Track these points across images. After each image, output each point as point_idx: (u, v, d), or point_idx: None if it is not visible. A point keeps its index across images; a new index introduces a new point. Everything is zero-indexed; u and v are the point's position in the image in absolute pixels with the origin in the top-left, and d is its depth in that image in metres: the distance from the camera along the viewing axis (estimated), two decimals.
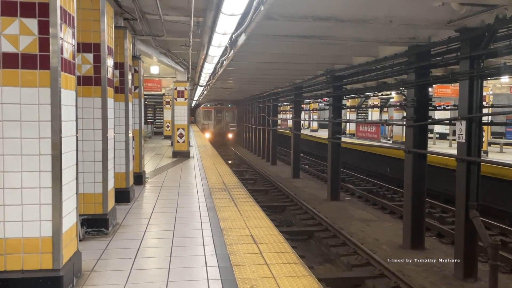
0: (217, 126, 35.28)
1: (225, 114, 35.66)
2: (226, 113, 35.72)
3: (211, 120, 35.29)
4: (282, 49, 10.38)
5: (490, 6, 6.46)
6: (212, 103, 35.60)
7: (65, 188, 3.57)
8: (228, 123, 35.51)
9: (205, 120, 35.71)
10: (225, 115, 35.59)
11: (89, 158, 5.37)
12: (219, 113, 35.45)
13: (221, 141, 34.50)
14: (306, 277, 4.04)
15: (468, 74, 7.61)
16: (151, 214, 6.68)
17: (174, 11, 7.24)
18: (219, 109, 35.56)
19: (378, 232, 10.76)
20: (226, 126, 35.47)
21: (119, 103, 7.09)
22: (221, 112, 35.57)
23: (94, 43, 5.25)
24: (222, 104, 35.74)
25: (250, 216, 6.41)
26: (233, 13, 5.55)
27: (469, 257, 7.74)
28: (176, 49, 11.34)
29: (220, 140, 34.43)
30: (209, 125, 35.34)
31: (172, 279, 4.01)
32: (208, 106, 35.42)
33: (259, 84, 20.70)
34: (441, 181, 13.77)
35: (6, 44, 3.28)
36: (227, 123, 35.53)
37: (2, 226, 3.35)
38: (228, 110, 35.84)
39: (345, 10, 6.87)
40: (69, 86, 3.67)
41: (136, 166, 9.04)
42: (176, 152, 15.21)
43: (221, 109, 35.61)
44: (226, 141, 35.37)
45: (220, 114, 35.47)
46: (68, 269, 3.60)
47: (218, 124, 35.33)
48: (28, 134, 3.36)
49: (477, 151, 7.75)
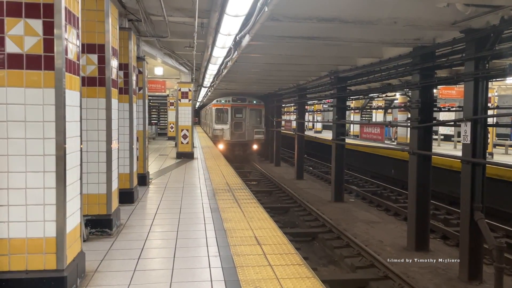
0: (236, 132, 24.01)
1: (248, 114, 24.33)
2: (250, 113, 24.40)
3: (226, 124, 23.89)
4: (286, 50, 10.37)
5: (495, 7, 6.43)
6: (228, 98, 24.21)
7: (69, 188, 3.57)
8: (252, 127, 24.30)
9: (217, 124, 24.05)
10: (247, 116, 24.28)
11: (93, 159, 5.38)
12: (238, 113, 24.21)
13: (242, 155, 24.00)
14: (309, 278, 4.02)
15: (473, 75, 7.57)
16: (155, 215, 6.68)
17: (179, 12, 7.25)
18: (239, 107, 24.25)
19: (382, 233, 10.72)
20: (249, 132, 24.17)
21: (123, 104, 7.10)
22: (241, 111, 24.24)
23: (98, 44, 5.26)
24: (244, 99, 24.36)
25: (254, 217, 6.40)
26: (237, 14, 5.56)
27: (474, 259, 7.69)
28: (180, 50, 11.36)
29: (240, 153, 23.94)
30: (224, 131, 23.84)
31: (175, 280, 4.01)
32: (223, 102, 24.08)
33: (263, 85, 20.67)
34: (445, 183, 13.70)
35: (11, 45, 3.30)
36: (250, 128, 24.29)
37: (6, 226, 3.36)
38: (252, 109, 24.54)
39: (349, 11, 6.86)
40: (74, 87, 3.68)
41: (140, 167, 9.05)
42: (180, 153, 15.22)
43: (242, 106, 24.27)
44: (249, 155, 24.71)
45: (240, 115, 24.20)
46: (72, 270, 3.60)
47: (237, 129, 24.04)
48: (33, 134, 3.37)
49: (482, 153, 7.71)
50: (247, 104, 24.23)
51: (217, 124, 23.94)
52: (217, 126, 23.93)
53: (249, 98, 24.37)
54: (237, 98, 24.19)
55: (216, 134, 23.81)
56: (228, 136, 23.72)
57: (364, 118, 32.14)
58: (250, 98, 24.44)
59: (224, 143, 23.59)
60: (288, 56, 10.83)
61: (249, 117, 24.26)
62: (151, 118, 32.67)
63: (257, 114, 24.67)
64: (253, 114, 24.48)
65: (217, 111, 24.13)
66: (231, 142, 23.72)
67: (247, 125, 24.15)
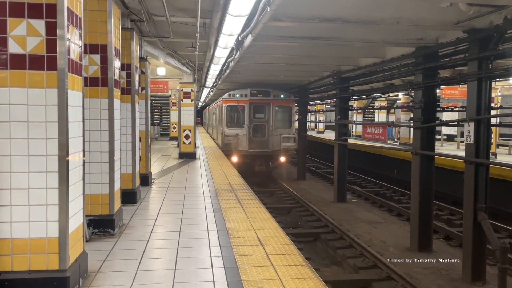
0: (255, 140, 17.50)
1: (273, 113, 17.71)
2: (275, 112, 17.85)
3: (242, 127, 17.44)
4: (288, 51, 10.36)
5: (499, 7, 6.40)
6: (244, 91, 17.63)
7: (72, 188, 3.57)
8: (279, 132, 17.66)
9: (230, 127, 17.57)
10: (272, 116, 17.69)
11: (96, 159, 5.38)
12: (259, 112, 17.74)
13: (264, 170, 17.61)
14: (312, 279, 4.01)
15: (476, 75, 7.55)
16: (157, 215, 6.68)
17: (181, 12, 7.25)
18: (261, 103, 17.64)
19: (385, 234, 10.70)
20: (275, 139, 17.58)
21: (126, 104, 7.11)
22: (264, 109, 17.71)
23: (101, 44, 5.26)
24: (267, 92, 17.64)
25: (256, 218, 6.39)
26: (240, 14, 5.55)
27: (477, 260, 7.67)
28: (183, 51, 11.36)
29: (262, 169, 17.46)
30: (239, 138, 17.23)
31: (178, 280, 4.00)
32: (238, 97, 17.58)
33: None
34: (449, 183, 13.66)
35: (13, 45, 3.30)
36: (276, 133, 17.65)
37: (9, 226, 3.36)
38: (279, 106, 17.97)
39: (352, 11, 6.85)
40: (76, 87, 3.68)
41: (143, 167, 9.06)
42: (182, 154, 15.24)
43: (264, 103, 17.65)
44: (273, 169, 18.79)
45: (261, 114, 17.71)
46: (74, 270, 3.61)
47: (258, 135, 17.58)
48: (35, 134, 3.37)
49: (486, 153, 7.68)
50: (271, 99, 17.44)
51: (230, 128, 17.32)
52: (229, 130, 17.27)
53: (274, 91, 17.54)
54: (257, 91, 17.36)
55: (228, 142, 17.06)
56: (245, 145, 17.13)
57: (367, 118, 32.11)
58: (277, 91, 17.58)
59: (240, 155, 16.96)
60: (290, 56, 10.83)
61: (274, 117, 17.60)
62: (154, 118, 32.65)
63: (285, 113, 17.96)
64: (280, 114, 17.91)
65: (230, 110, 17.55)
66: (249, 154, 17.12)
67: (272, 129, 17.48)
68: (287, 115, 18.14)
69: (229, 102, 17.61)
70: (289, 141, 17.74)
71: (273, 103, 17.69)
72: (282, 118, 18.12)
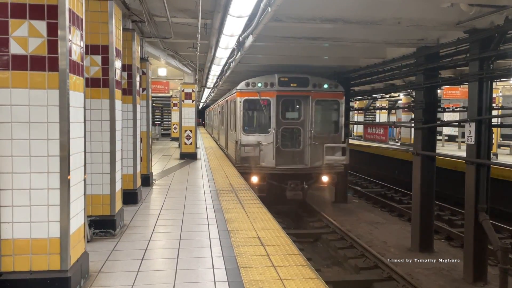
0: (286, 151, 12.26)
1: (312, 111, 12.18)
2: (315, 109, 12.31)
3: (266, 133, 12.15)
4: (289, 51, 10.35)
5: (500, 7, 6.40)
6: (270, 78, 12.22)
7: (73, 189, 3.58)
8: (320, 139, 12.13)
9: (247, 132, 12.37)
10: (310, 116, 12.20)
11: (97, 160, 5.39)
12: (291, 109, 12.73)
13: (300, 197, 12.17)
14: (313, 279, 4.01)
15: (477, 76, 7.55)
16: (159, 215, 6.68)
17: (182, 13, 7.26)
18: (294, 96, 12.39)
19: (386, 234, 10.69)
20: (314, 149, 12.10)
21: (127, 105, 7.11)
22: (298, 105, 12.62)
23: (102, 45, 5.27)
24: (304, 81, 12.20)
25: (257, 218, 6.39)
26: (241, 15, 5.56)
27: (479, 260, 7.66)
28: (184, 51, 11.37)
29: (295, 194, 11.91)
30: (262, 149, 11.94)
31: (179, 280, 4.01)
32: (259, 86, 12.17)
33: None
34: (450, 183, 13.64)
35: (15, 46, 3.31)
36: (318, 141, 12.11)
37: (11, 227, 3.37)
38: (321, 100, 12.41)
39: (353, 11, 6.85)
40: (77, 88, 3.69)
41: (144, 168, 9.07)
42: (183, 154, 15.24)
43: (299, 96, 12.35)
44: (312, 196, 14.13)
45: (295, 113, 12.69)
46: (75, 270, 3.61)
47: (288, 143, 12.46)
48: (37, 135, 3.37)
49: (487, 153, 7.67)
50: (310, 90, 11.88)
51: (248, 134, 12.06)
52: (247, 137, 12.02)
53: (315, 79, 12.03)
54: (290, 79, 11.97)
55: (246, 156, 11.83)
56: (271, 159, 11.77)
57: (368, 118, 32.11)
58: (318, 79, 12.07)
59: (262, 175, 11.72)
60: (291, 56, 10.80)
61: (314, 117, 12.02)
62: (155, 119, 32.68)
63: (331, 111, 12.49)
64: (323, 112, 12.50)
65: (247, 106, 12.27)
66: (276, 173, 11.76)
67: (311, 135, 11.92)
68: (333, 114, 12.41)
69: (247, 95, 11.95)
70: (336, 152, 11.98)
71: (313, 96, 11.86)
72: (326, 119, 12.47)
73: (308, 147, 12.01)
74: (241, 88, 12.17)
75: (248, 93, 12.08)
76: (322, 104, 12.46)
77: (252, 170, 11.79)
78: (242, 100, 12.18)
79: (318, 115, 12.40)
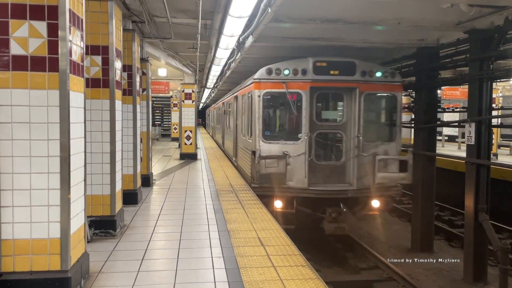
0: (321, 165, 8.84)
1: (360, 109, 8.62)
2: (364, 107, 8.68)
3: (295, 140, 8.63)
4: (289, 51, 10.34)
5: (500, 8, 6.41)
6: (301, 62, 8.59)
7: (73, 189, 3.58)
8: (370, 150, 8.67)
9: (268, 139, 8.77)
10: (356, 115, 8.63)
11: (97, 160, 5.39)
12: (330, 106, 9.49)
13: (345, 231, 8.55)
14: (313, 280, 4.01)
15: (477, 76, 7.56)
16: (159, 216, 6.69)
17: (182, 13, 7.27)
18: (334, 88, 8.89)
19: (386, 235, 10.68)
20: (361, 163, 8.61)
21: (127, 105, 7.12)
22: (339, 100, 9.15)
23: (102, 45, 5.27)
24: (350, 67, 8.61)
25: (257, 219, 6.39)
26: (241, 16, 5.58)
27: (479, 260, 7.66)
28: (184, 52, 11.38)
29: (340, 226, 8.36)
30: (290, 163, 8.45)
31: (179, 281, 4.01)
32: (286, 75, 8.56)
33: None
34: (449, 184, 13.64)
35: (15, 47, 3.31)
36: (367, 151, 8.65)
37: (11, 227, 3.37)
38: (371, 94, 8.88)
39: (353, 12, 6.86)
40: (78, 88, 3.69)
41: (144, 168, 9.07)
42: (183, 154, 15.25)
43: (341, 87, 8.78)
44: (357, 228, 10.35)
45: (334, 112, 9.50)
46: (76, 270, 3.61)
47: (325, 154, 9.09)
48: (37, 136, 3.38)
49: (487, 154, 7.68)
50: (357, 80, 8.74)
51: (269, 141, 8.90)
52: (268, 146, 8.85)
53: (363, 64, 8.84)
54: (329, 64, 8.74)
55: (267, 172, 8.69)
56: (302, 176, 8.65)
57: None
58: (368, 65, 8.91)
59: (290, 198, 8.72)
60: (291, 57, 10.79)
61: (361, 118, 8.83)
62: (155, 119, 32.66)
63: (384, 109, 9.64)
64: (373, 111, 9.41)
65: (268, 102, 9.15)
66: (310, 195, 8.68)
67: (358, 142, 8.75)
68: (388, 114, 9.43)
69: (268, 87, 8.75)
70: (391, 167, 8.87)
71: (362, 88, 8.68)
72: (378, 121, 9.47)
73: (354, 160, 8.61)
74: (261, 76, 8.65)
75: (271, 83, 8.64)
76: (373, 100, 9.11)
77: (274, 192, 8.48)
78: (262, 93, 8.69)
79: (368, 115, 8.97)
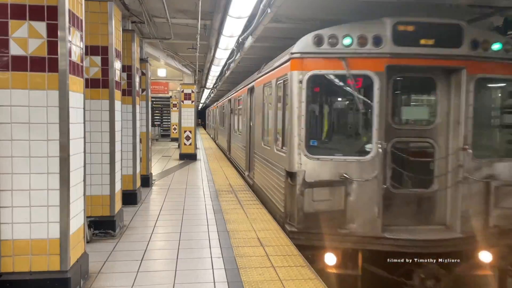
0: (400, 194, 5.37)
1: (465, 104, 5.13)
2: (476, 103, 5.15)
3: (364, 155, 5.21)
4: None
5: (500, 8, 6.41)
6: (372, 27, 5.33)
7: (73, 190, 3.58)
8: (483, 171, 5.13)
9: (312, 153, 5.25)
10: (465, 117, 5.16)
11: (97, 160, 5.40)
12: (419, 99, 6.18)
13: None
14: (312, 280, 4.02)
15: None
16: (158, 216, 6.69)
17: (182, 14, 7.27)
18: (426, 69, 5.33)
19: None
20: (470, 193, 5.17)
21: (127, 106, 7.13)
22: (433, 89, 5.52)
23: (102, 46, 5.28)
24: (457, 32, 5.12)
25: (257, 219, 6.39)
26: (240, 16, 5.58)
27: None
28: (183, 52, 11.39)
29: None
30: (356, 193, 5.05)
31: (178, 281, 4.01)
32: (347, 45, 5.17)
33: None
34: None
35: (15, 47, 3.31)
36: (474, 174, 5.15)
37: (10, 227, 3.37)
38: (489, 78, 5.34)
39: (352, 12, 6.86)
40: (77, 89, 3.69)
41: (143, 168, 9.07)
42: (183, 155, 15.25)
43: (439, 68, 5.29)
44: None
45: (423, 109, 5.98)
46: (75, 271, 3.62)
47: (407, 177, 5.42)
48: (37, 136, 3.38)
49: None
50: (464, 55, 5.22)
51: (315, 155, 5.27)
52: (313, 162, 5.21)
53: (473, 31, 5.34)
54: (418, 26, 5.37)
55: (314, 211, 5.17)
56: (374, 215, 5.10)
57: None
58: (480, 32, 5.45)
59: (352, 251, 5.22)
60: None
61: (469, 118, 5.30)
62: (154, 119, 32.65)
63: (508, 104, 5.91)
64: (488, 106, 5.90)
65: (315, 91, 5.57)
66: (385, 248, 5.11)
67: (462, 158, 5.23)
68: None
69: (317, 66, 5.37)
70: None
71: (470, 68, 5.35)
72: (496, 123, 6.15)
73: (456, 187, 5.44)
74: (304, 49, 5.42)
75: (321, 60, 5.37)
76: (489, 89, 6.00)
77: (325, 241, 5.26)
78: (307, 77, 5.38)
79: (482, 113, 5.69)
